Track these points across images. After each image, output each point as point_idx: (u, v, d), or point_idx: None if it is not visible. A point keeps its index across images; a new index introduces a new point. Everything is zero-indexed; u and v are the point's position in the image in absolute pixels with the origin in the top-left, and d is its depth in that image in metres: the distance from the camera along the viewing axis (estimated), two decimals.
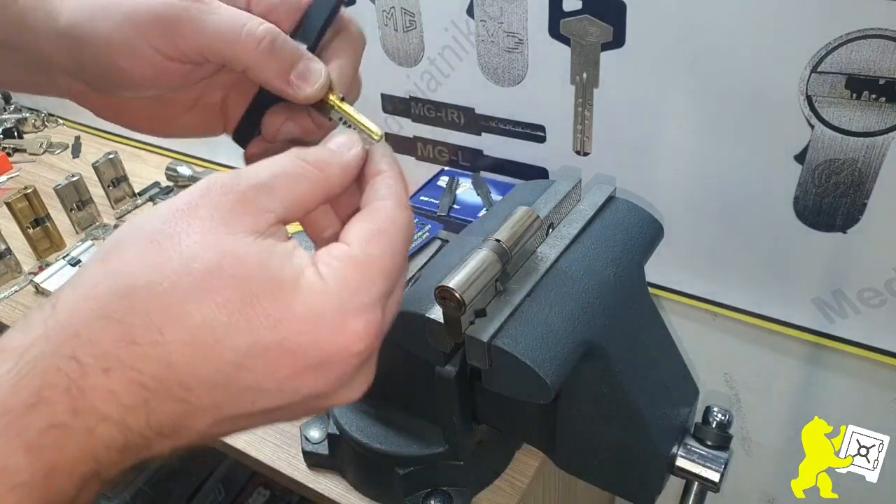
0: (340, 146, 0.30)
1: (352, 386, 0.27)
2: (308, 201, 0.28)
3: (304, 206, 0.28)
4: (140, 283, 0.23)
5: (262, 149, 0.37)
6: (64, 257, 1.00)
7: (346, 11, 0.36)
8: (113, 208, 1.05)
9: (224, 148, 1.11)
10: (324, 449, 0.62)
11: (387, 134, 0.90)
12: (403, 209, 0.29)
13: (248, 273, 0.24)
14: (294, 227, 0.30)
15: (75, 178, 1.00)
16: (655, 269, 0.77)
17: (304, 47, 0.33)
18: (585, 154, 0.75)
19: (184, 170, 1.08)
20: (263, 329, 0.24)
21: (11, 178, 1.16)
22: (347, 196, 0.30)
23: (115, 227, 1.03)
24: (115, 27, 0.31)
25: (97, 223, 1.04)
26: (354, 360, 0.25)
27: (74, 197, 1.00)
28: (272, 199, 0.26)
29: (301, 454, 0.64)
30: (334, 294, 0.25)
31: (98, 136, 1.28)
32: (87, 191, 1.01)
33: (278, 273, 0.25)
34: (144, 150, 1.22)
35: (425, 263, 0.73)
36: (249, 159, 0.37)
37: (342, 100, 0.34)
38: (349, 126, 0.34)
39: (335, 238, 0.28)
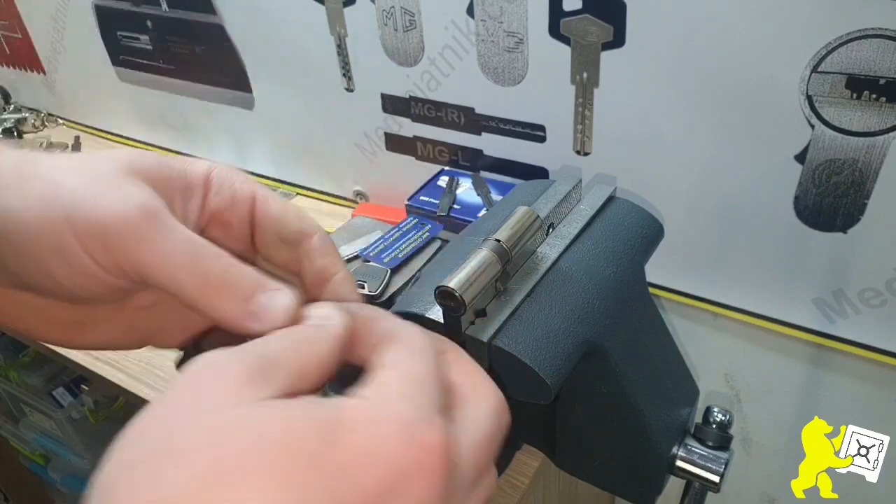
0: (321, 315, 0.27)
1: None
2: (308, 368, 0.24)
3: (310, 375, 0.24)
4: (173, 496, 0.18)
5: None
6: None
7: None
8: None
9: (224, 148, 1.11)
10: None
11: (386, 134, 0.90)
12: (422, 333, 0.27)
13: (295, 434, 0.20)
14: None
15: None
16: (656, 269, 0.77)
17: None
18: (586, 154, 0.75)
19: None
20: (338, 487, 0.20)
21: None
22: None
23: None
24: (49, 226, 0.26)
25: None
26: (437, 479, 0.21)
27: None
28: (274, 369, 0.22)
29: None
30: (384, 406, 0.22)
31: (98, 136, 1.29)
32: None
33: (324, 417, 0.21)
34: (143, 149, 1.22)
35: (425, 263, 0.73)
36: None
37: None
38: None
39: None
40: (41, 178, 0.27)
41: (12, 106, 1.34)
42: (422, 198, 0.81)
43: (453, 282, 0.34)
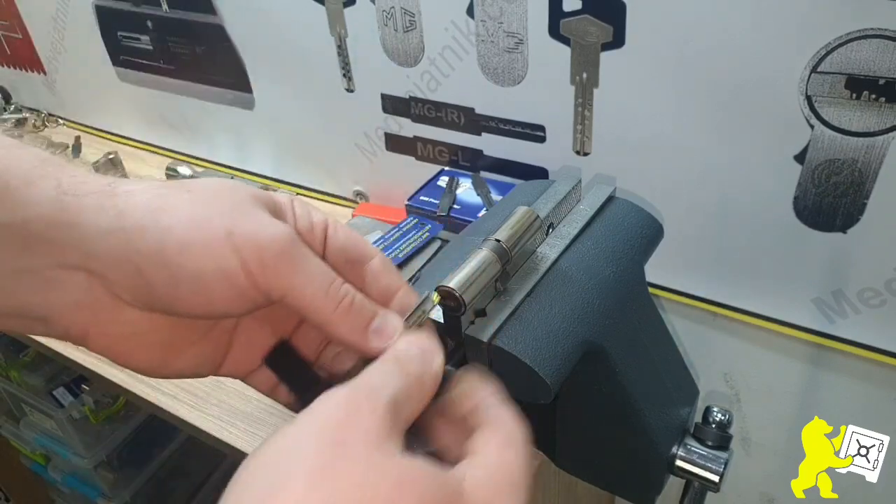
0: (425, 352, 0.30)
1: None
2: (416, 412, 0.29)
3: (413, 416, 0.29)
4: None
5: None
6: None
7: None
8: None
9: (224, 148, 1.11)
10: None
11: (387, 134, 0.90)
12: (517, 420, 0.30)
13: (429, 493, 0.24)
14: None
15: None
16: (655, 269, 0.77)
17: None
18: (585, 154, 0.75)
19: (184, 169, 1.08)
20: None
21: None
22: None
23: None
24: (212, 243, 0.29)
25: None
26: None
27: None
28: (399, 415, 0.27)
29: None
30: (495, 500, 0.26)
31: (98, 136, 1.29)
32: None
33: (451, 485, 0.25)
34: (144, 150, 1.22)
35: (425, 263, 0.73)
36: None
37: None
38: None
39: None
40: (183, 202, 0.30)
41: (13, 106, 1.34)
42: (422, 198, 0.81)
43: (453, 282, 0.35)
